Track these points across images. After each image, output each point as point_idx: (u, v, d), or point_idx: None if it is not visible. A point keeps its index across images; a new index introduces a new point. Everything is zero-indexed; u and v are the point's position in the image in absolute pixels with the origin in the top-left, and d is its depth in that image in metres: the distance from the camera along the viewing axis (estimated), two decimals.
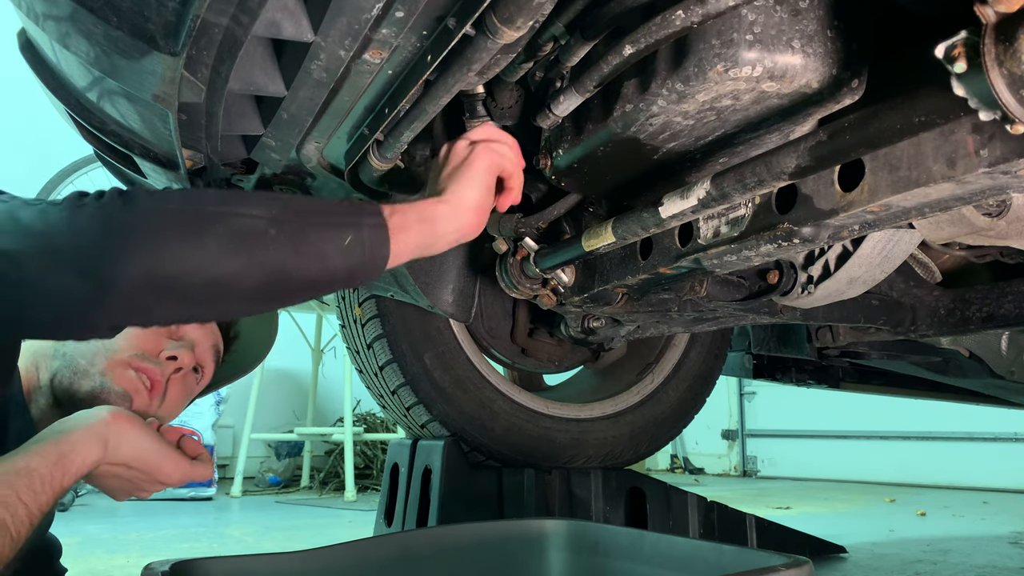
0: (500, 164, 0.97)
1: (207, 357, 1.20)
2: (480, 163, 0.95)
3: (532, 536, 1.23)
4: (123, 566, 2.01)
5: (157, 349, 1.12)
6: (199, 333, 1.19)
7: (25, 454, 0.86)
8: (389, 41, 0.81)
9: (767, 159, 0.77)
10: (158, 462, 0.96)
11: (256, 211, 0.82)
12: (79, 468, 0.89)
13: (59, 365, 1.08)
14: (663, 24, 0.74)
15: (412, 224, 0.89)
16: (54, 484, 0.85)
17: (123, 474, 0.96)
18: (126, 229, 0.77)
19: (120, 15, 0.77)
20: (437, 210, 0.92)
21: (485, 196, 0.95)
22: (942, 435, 4.48)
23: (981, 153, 0.61)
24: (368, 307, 1.74)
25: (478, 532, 1.22)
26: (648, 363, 1.96)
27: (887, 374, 2.13)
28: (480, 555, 1.20)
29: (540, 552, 1.22)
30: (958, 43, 0.51)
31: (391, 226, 0.87)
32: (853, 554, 2.09)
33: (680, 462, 5.93)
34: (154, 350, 1.12)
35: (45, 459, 0.86)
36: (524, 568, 1.21)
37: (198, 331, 1.19)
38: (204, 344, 1.20)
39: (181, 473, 0.98)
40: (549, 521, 1.24)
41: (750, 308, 1.25)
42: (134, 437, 0.95)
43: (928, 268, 1.35)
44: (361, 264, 0.85)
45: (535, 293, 1.30)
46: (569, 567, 1.21)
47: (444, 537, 1.20)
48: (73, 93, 1.05)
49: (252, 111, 1.04)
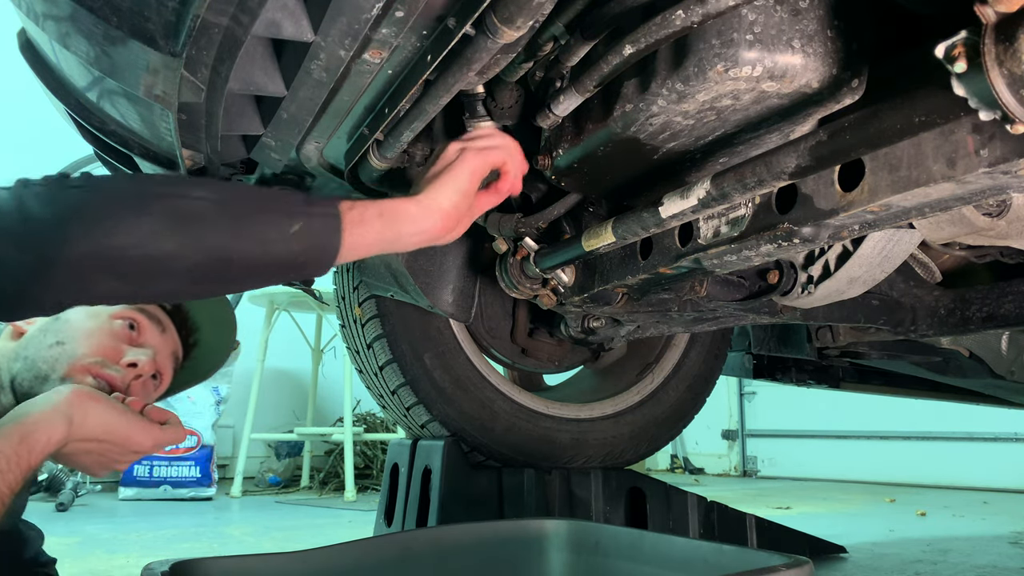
0: (485, 170, 0.97)
1: (166, 364, 1.21)
2: (463, 168, 0.94)
3: (532, 536, 1.23)
4: (123, 566, 2.01)
5: (118, 356, 1.13)
6: (159, 340, 1.20)
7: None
8: (389, 41, 0.81)
9: (767, 159, 0.77)
10: (127, 431, 0.97)
11: (200, 193, 0.83)
12: (45, 446, 0.89)
13: (20, 368, 1.09)
14: (663, 24, 0.74)
15: (371, 219, 0.89)
16: (20, 463, 0.86)
17: (95, 448, 0.96)
18: (69, 207, 0.79)
19: (120, 15, 0.77)
20: (404, 208, 0.91)
21: (460, 201, 0.94)
22: (942, 435, 4.48)
23: (981, 153, 0.61)
24: (368, 307, 1.74)
25: (478, 532, 1.22)
26: (648, 363, 1.96)
27: (887, 374, 2.13)
28: (480, 555, 1.20)
29: (540, 552, 1.22)
30: (958, 43, 0.51)
31: (346, 219, 0.87)
32: (853, 554, 2.08)
33: (680, 462, 5.93)
34: (115, 357, 1.13)
35: (9, 440, 0.86)
36: (524, 568, 1.21)
37: (158, 338, 1.20)
38: (164, 351, 1.21)
39: (152, 439, 0.99)
40: (549, 521, 1.24)
41: (750, 308, 1.25)
42: (99, 411, 0.95)
43: (928, 268, 1.34)
44: (307, 253, 0.85)
45: (535, 293, 1.30)
46: (569, 567, 1.20)
47: (444, 537, 1.20)
48: (73, 93, 1.06)
49: (252, 111, 1.04)
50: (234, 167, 1.19)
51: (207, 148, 1.05)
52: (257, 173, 1.20)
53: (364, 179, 1.12)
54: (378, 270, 1.54)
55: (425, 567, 1.16)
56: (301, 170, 1.20)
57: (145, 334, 1.19)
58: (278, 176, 1.21)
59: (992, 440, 4.30)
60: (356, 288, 1.78)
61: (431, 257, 1.49)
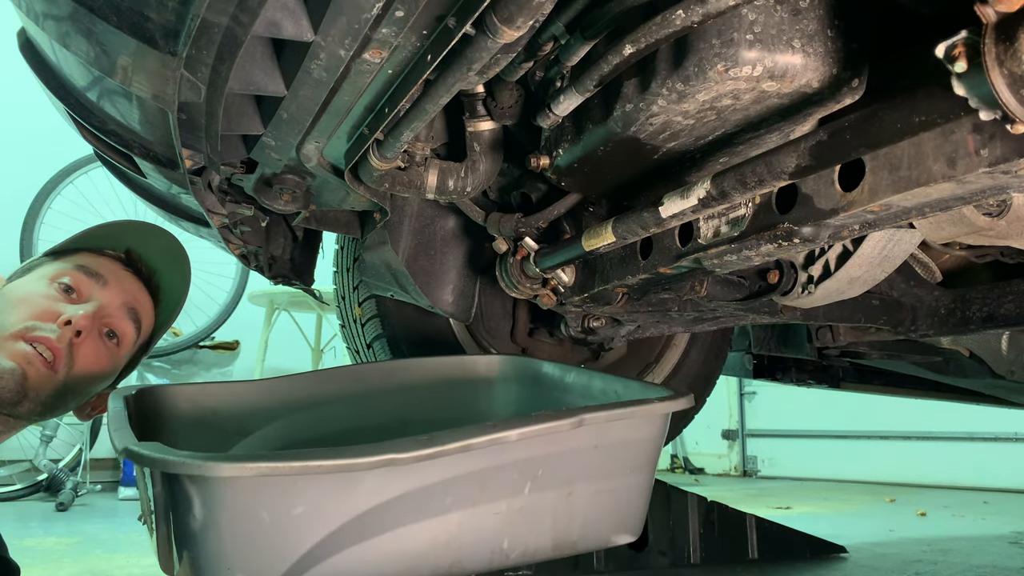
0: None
1: (119, 317, 1.19)
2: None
3: (481, 369, 1.33)
4: (123, 566, 2.01)
5: (53, 316, 1.11)
6: (104, 293, 1.18)
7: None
8: (389, 41, 0.81)
9: (767, 159, 0.77)
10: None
11: None
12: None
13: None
14: (663, 24, 0.74)
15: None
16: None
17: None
18: None
19: (120, 15, 0.77)
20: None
21: None
22: (942, 435, 4.48)
23: (981, 153, 0.61)
24: (368, 307, 1.74)
25: (432, 365, 1.31)
26: (648, 363, 1.96)
27: (887, 374, 2.13)
28: (433, 386, 1.28)
29: (488, 384, 1.32)
30: (958, 43, 0.51)
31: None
32: (853, 554, 2.08)
33: (680, 462, 5.93)
34: (50, 317, 1.11)
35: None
36: (474, 398, 1.30)
37: (99, 292, 1.18)
38: (112, 303, 1.18)
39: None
40: (496, 357, 1.35)
41: (750, 308, 1.25)
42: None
43: (928, 268, 1.34)
44: None
45: (535, 293, 1.30)
46: (514, 397, 1.30)
47: (399, 369, 1.29)
48: (73, 93, 1.05)
49: (252, 111, 1.04)
50: (234, 167, 1.19)
51: (207, 148, 1.05)
52: (257, 173, 1.20)
53: (364, 179, 1.12)
54: (378, 270, 1.54)
55: (380, 396, 1.24)
56: (301, 170, 1.20)
57: (84, 290, 1.17)
58: (278, 176, 1.21)
59: (992, 440, 4.30)
60: (356, 288, 1.78)
61: (431, 257, 1.49)
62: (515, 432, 0.80)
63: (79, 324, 1.12)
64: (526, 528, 0.85)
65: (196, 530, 0.72)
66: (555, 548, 0.87)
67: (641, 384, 1.04)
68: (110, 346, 1.18)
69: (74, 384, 1.14)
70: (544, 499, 0.85)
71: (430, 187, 1.16)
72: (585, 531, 0.90)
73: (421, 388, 1.27)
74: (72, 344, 1.12)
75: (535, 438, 0.81)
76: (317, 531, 0.74)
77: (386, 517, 0.76)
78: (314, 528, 0.74)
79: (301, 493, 0.72)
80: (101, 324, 1.18)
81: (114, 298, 1.19)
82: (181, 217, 1.47)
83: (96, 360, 1.16)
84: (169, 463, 0.70)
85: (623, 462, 0.91)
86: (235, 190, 1.31)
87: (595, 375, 1.13)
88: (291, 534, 0.73)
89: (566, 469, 0.86)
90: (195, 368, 4.35)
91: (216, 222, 1.33)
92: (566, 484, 0.87)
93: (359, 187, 1.15)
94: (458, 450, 0.77)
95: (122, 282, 1.22)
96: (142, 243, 1.30)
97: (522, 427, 0.80)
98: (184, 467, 0.70)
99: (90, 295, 1.17)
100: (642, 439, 0.92)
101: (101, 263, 1.22)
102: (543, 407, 1.21)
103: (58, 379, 1.11)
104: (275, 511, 0.72)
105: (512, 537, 0.84)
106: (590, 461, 0.88)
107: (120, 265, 1.24)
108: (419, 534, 0.79)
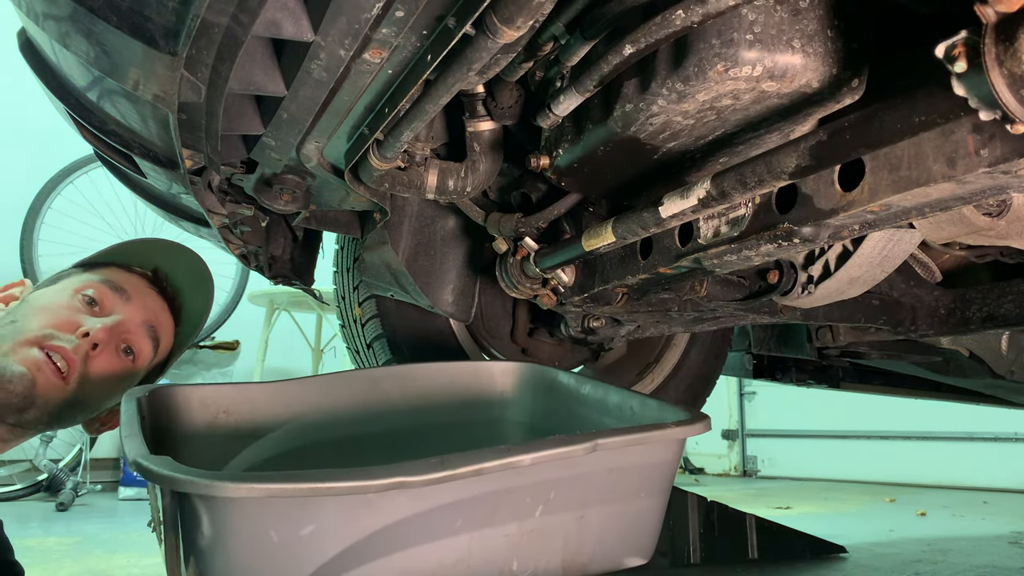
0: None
1: (138, 334, 1.18)
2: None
3: (496, 377, 1.30)
4: (123, 566, 2.01)
5: (72, 326, 1.11)
6: (126, 309, 1.17)
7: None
8: (389, 41, 0.81)
9: (767, 159, 0.77)
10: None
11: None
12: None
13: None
14: (663, 24, 0.74)
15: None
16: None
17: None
18: None
19: (120, 15, 0.77)
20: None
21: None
22: (942, 435, 4.48)
23: (981, 153, 0.61)
24: (368, 307, 1.74)
25: (446, 371, 1.29)
26: (648, 363, 1.96)
27: (887, 374, 2.13)
28: (446, 391, 1.26)
29: (502, 392, 1.29)
30: (958, 43, 0.51)
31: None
32: (853, 554, 2.08)
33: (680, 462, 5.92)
34: (69, 328, 1.11)
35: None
36: (488, 404, 1.28)
37: (124, 307, 1.17)
38: (132, 320, 1.18)
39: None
40: (512, 364, 1.31)
41: (750, 308, 1.25)
42: None
43: (928, 268, 1.34)
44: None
45: (535, 293, 1.30)
46: (528, 406, 1.27)
47: (411, 373, 1.26)
48: (73, 93, 1.05)
49: (252, 111, 1.04)
50: (234, 167, 1.19)
51: (207, 148, 1.05)
52: (257, 173, 1.20)
53: (364, 179, 1.12)
54: (378, 270, 1.54)
55: (392, 401, 1.22)
56: (301, 170, 1.20)
57: (107, 304, 1.16)
58: (278, 176, 1.21)
59: (992, 440, 4.30)
60: (356, 288, 1.78)
61: (431, 257, 1.49)
62: (528, 457, 0.78)
63: (97, 337, 1.12)
64: (536, 550, 0.84)
65: (204, 547, 0.71)
66: (565, 570, 0.85)
67: (659, 403, 1.01)
68: (126, 362, 1.17)
69: (84, 397, 1.13)
70: (556, 522, 0.84)
71: (430, 187, 1.16)
72: (596, 554, 0.88)
73: (435, 394, 1.25)
74: (88, 356, 1.11)
75: (548, 462, 0.80)
76: (326, 551, 0.73)
77: (395, 538, 0.75)
78: (323, 548, 0.73)
79: (310, 513, 0.71)
80: (119, 339, 1.17)
81: (135, 315, 1.19)
82: (181, 217, 1.47)
83: (110, 375, 1.15)
84: (178, 481, 0.69)
85: (637, 486, 0.89)
86: (235, 190, 1.31)
87: (611, 389, 1.11)
88: (300, 554, 0.72)
89: (579, 492, 0.85)
90: (195, 368, 4.35)
91: (216, 222, 1.33)
92: (579, 507, 0.85)
93: (359, 187, 1.15)
94: (470, 474, 0.75)
95: (145, 299, 1.22)
96: (169, 262, 1.30)
97: (536, 452, 0.78)
98: (193, 486, 0.68)
99: (112, 309, 1.16)
100: (657, 463, 0.90)
101: (127, 279, 1.22)
102: (557, 418, 1.19)
103: (68, 390, 1.10)
104: (284, 531, 0.71)
105: (522, 559, 0.83)
106: (604, 485, 0.86)
107: (146, 283, 1.24)
108: (428, 555, 0.78)
